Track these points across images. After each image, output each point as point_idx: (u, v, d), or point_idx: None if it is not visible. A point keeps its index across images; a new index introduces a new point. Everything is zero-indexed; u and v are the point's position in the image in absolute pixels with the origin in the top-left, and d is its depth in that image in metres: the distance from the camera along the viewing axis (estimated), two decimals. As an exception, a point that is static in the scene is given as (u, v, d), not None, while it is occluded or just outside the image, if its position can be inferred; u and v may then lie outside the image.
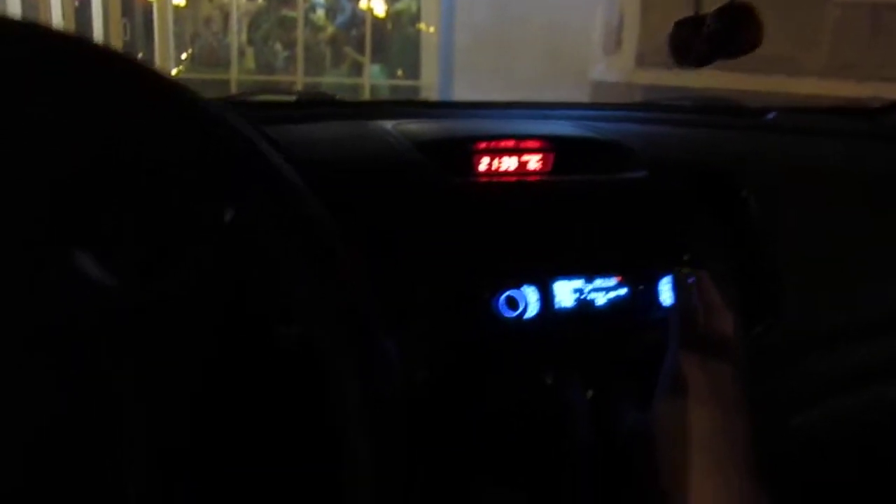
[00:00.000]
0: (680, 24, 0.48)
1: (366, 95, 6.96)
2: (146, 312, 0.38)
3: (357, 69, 7.25)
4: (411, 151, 0.73)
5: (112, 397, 0.37)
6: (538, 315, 0.67)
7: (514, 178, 0.78)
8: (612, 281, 0.71)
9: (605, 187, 0.76)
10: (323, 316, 0.38)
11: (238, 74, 6.94)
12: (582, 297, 0.69)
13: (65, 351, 0.37)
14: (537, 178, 0.79)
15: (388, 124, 0.83)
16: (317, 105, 1.02)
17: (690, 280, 0.67)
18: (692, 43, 0.47)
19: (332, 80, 7.23)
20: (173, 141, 0.38)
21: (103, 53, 0.37)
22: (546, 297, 0.68)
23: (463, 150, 0.77)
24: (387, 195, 0.68)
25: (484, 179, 0.76)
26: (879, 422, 0.95)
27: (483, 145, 0.79)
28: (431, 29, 7.07)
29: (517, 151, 0.80)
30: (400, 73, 7.36)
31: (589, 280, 0.70)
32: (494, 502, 0.66)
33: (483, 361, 0.66)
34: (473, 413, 0.66)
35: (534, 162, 0.80)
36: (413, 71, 7.22)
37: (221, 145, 0.38)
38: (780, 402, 0.83)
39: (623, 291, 0.70)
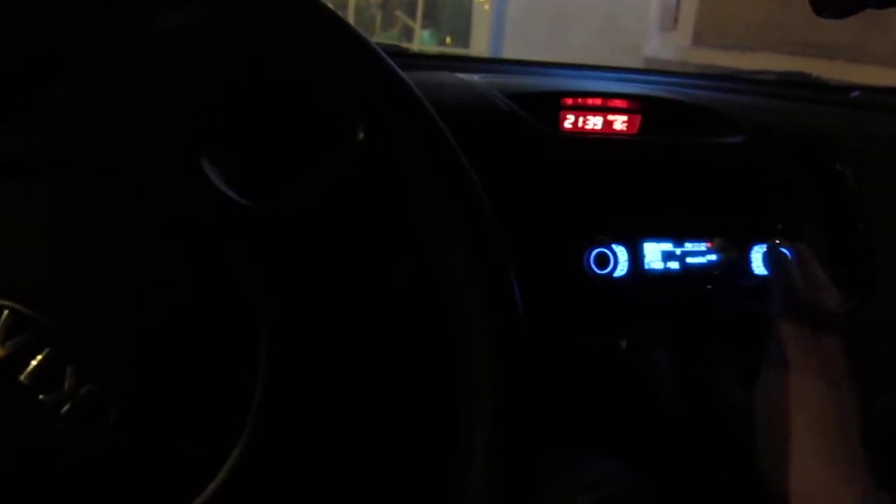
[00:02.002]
0: (822, -27, 0.46)
1: (414, 61, 6.91)
2: (276, 228, 0.37)
3: (407, 34, 7.20)
4: (503, 101, 0.71)
5: (237, 298, 0.37)
6: (628, 274, 0.65)
7: (601, 136, 0.76)
8: (703, 246, 0.69)
9: (699, 151, 0.74)
10: (456, 240, 0.37)
11: (287, 34, 6.91)
12: (673, 259, 0.67)
13: (196, 250, 0.37)
14: (626, 137, 0.77)
15: (473, 76, 0.82)
16: (394, 56, 1.01)
17: (788, 251, 0.65)
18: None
19: (381, 43, 7.19)
20: (309, 59, 0.37)
21: None
22: (636, 257, 0.66)
23: (550, 105, 0.75)
24: (482, 143, 0.66)
25: (571, 135, 0.74)
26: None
27: (570, 101, 0.77)
28: (483, -3, 6.99)
29: (604, 110, 0.77)
30: (449, 40, 7.30)
31: (680, 244, 0.68)
32: (574, 457, 0.65)
33: (572, 316, 0.65)
34: (560, 367, 0.65)
35: (620, 122, 0.78)
36: (463, 39, 7.15)
37: (354, 64, 0.37)
38: (869, 381, 0.80)
39: (714, 257, 0.68)
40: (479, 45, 7.23)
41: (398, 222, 0.39)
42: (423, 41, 7.41)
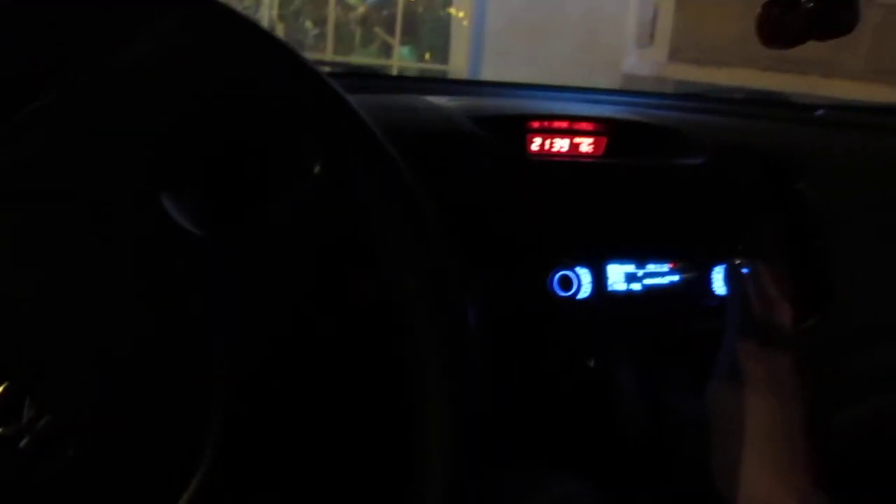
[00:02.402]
0: (770, 4, 0.47)
1: (394, 77, 6.95)
2: (232, 257, 0.38)
3: (386, 50, 7.22)
4: (468, 125, 0.72)
5: (194, 327, 0.38)
6: (591, 296, 0.66)
7: (567, 159, 0.77)
8: (665, 267, 0.70)
9: (662, 172, 0.75)
10: (410, 266, 0.38)
11: (267, 50, 6.93)
12: (635, 281, 0.68)
13: (153, 281, 0.38)
14: (591, 159, 0.78)
15: (441, 99, 0.83)
16: (367, 77, 1.02)
17: (745, 271, 0.66)
18: (786, 20, 0.47)
19: (360, 59, 7.21)
20: (267, 95, 0.38)
21: (209, 6, 0.37)
22: (599, 279, 0.67)
23: (517, 128, 0.77)
24: (446, 166, 0.67)
25: (538, 158, 0.76)
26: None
27: (537, 124, 0.78)
28: (462, 13, 7.03)
29: (570, 133, 0.79)
30: (428, 56, 7.33)
31: (642, 265, 0.69)
32: (538, 479, 0.66)
33: (534, 338, 0.66)
34: (522, 389, 0.66)
35: (586, 144, 0.79)
36: (442, 55, 7.18)
37: (311, 100, 0.38)
38: (827, 396, 0.82)
39: (676, 278, 0.70)
40: (459, 61, 7.26)
41: (352, 248, 0.40)
42: (402, 57, 7.42)
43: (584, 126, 0.79)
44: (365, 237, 0.39)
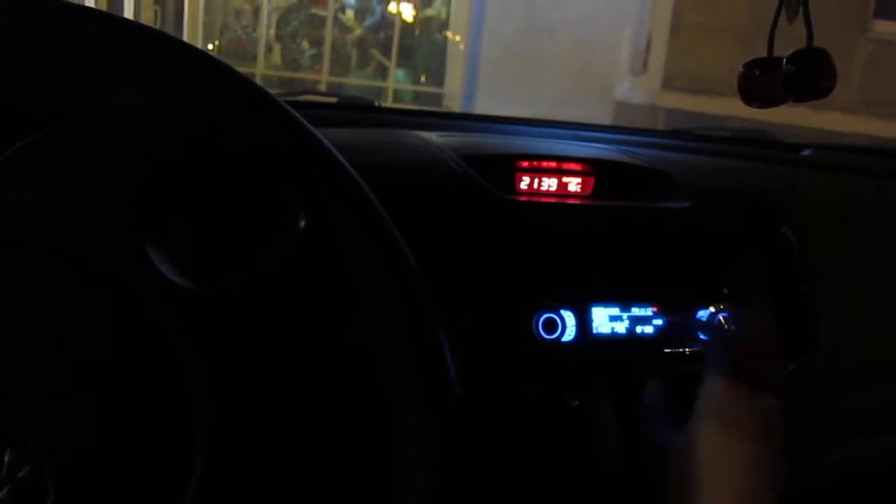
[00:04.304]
0: (751, 65, 0.48)
1: (389, 99, 7.00)
2: (217, 308, 0.39)
3: (382, 72, 7.28)
4: (457, 163, 0.73)
5: (178, 378, 0.38)
6: (575, 339, 0.67)
7: (553, 199, 0.78)
8: (650, 310, 0.70)
9: (649, 215, 0.76)
10: (391, 323, 0.39)
11: (264, 69, 6.99)
12: (620, 324, 0.69)
13: (138, 332, 0.38)
14: (578, 200, 0.79)
15: (432, 135, 0.84)
16: (358, 109, 1.03)
17: (729, 315, 0.67)
18: (764, 83, 0.48)
19: (356, 81, 7.26)
20: (253, 150, 0.38)
21: (189, 53, 0.37)
22: (584, 321, 0.68)
23: (506, 167, 0.78)
24: (433, 206, 0.68)
25: (525, 198, 0.76)
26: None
27: (526, 164, 0.79)
28: (458, 37, 7.10)
29: (558, 173, 0.80)
30: (423, 78, 7.39)
31: (626, 308, 0.70)
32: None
33: (519, 381, 0.66)
34: (506, 431, 0.66)
35: (574, 184, 0.80)
36: (437, 78, 7.25)
37: (297, 156, 0.38)
38: (812, 438, 0.82)
39: (660, 321, 0.70)
40: (454, 84, 7.33)
41: (336, 299, 0.41)
42: (397, 80, 7.49)
43: (572, 166, 0.80)
44: (347, 292, 0.40)
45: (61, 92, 0.40)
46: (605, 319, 0.69)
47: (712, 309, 0.70)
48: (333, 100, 1.08)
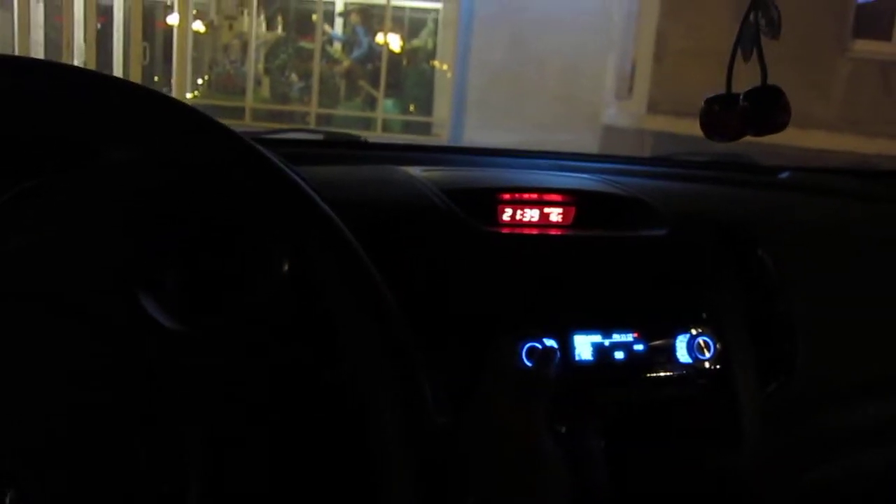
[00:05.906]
0: (711, 101, 0.51)
1: (378, 129, 7.05)
2: (205, 347, 0.40)
3: (371, 102, 7.35)
4: (440, 198, 0.75)
5: (171, 416, 0.40)
6: (558, 366, 0.68)
7: (535, 230, 0.80)
8: (630, 336, 0.72)
9: (627, 244, 0.78)
10: (371, 357, 0.40)
11: (253, 102, 7.04)
12: (601, 350, 0.71)
13: (129, 375, 0.40)
14: (559, 230, 0.81)
15: (416, 170, 0.86)
16: (344, 146, 1.05)
17: (709, 339, 0.69)
18: (724, 118, 0.50)
19: (345, 112, 7.33)
20: (240, 201, 0.40)
21: (174, 107, 0.39)
22: (566, 349, 0.69)
23: (488, 200, 0.80)
24: (416, 241, 0.70)
25: (507, 230, 0.78)
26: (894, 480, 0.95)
27: (507, 196, 0.81)
28: (445, 66, 7.17)
29: (540, 203, 0.82)
30: (412, 108, 7.46)
31: (608, 335, 0.71)
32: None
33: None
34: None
35: (555, 214, 0.82)
36: (426, 107, 7.32)
37: (280, 202, 0.40)
38: (795, 457, 0.84)
39: (640, 347, 0.72)
40: (442, 113, 7.40)
41: (319, 337, 0.42)
42: (386, 110, 7.56)
43: (553, 197, 0.83)
44: (329, 329, 0.41)
45: (54, 146, 0.42)
46: (587, 347, 0.70)
47: (693, 332, 0.72)
48: (320, 136, 1.10)
